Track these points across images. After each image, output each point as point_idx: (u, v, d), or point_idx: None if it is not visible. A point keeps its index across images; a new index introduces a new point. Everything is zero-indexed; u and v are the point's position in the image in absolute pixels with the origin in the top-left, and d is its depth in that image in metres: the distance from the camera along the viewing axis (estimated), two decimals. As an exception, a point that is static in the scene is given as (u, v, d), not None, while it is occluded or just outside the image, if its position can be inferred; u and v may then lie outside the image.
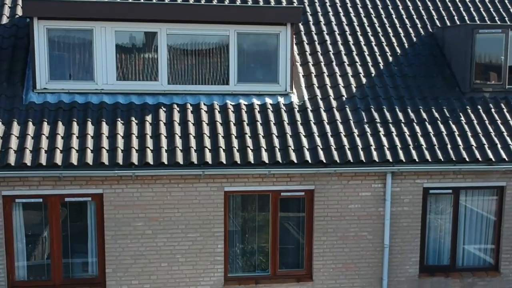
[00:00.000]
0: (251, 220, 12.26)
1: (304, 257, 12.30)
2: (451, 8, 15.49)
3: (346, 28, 14.37)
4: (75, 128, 11.45)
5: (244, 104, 12.39)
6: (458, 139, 12.40)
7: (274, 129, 12.02)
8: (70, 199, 11.35)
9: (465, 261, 12.93)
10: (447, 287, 12.68)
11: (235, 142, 11.69)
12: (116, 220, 11.43)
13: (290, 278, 12.25)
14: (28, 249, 11.54)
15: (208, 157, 11.37)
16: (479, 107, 13.13)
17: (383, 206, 12.19)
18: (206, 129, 11.82)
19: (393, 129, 12.37)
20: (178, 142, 11.53)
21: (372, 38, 14.25)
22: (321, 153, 11.73)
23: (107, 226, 11.43)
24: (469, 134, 12.53)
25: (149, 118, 11.84)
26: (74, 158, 10.97)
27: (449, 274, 12.70)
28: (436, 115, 12.80)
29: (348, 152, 11.82)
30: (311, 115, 12.42)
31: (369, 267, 12.36)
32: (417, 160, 11.92)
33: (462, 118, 12.85)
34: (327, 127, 12.23)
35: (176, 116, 11.95)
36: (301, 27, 14.16)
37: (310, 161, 11.60)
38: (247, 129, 11.94)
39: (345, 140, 12.03)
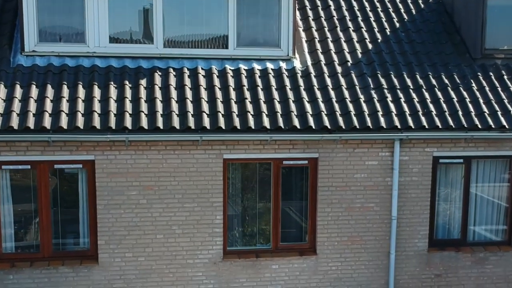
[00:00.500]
0: (251, 190, 11.63)
1: (307, 229, 11.67)
2: (460, -25, 14.85)
3: (351, -7, 13.75)
4: (65, 91, 10.81)
5: (244, 69, 11.75)
6: (470, 105, 11.77)
7: (275, 95, 11.39)
8: (60, 166, 10.72)
9: (476, 235, 12.31)
10: (457, 262, 12.06)
11: (234, 107, 11.05)
12: (108, 189, 10.79)
13: (293, 252, 11.62)
14: (16, 220, 10.90)
15: (206, 122, 10.74)
16: (491, 73, 12.49)
17: (391, 175, 11.55)
18: (204, 94, 11.19)
19: (401, 95, 11.74)
20: (175, 106, 10.89)
21: (377, 4, 13.59)
22: (325, 119, 11.10)
23: (99, 195, 10.79)
24: (481, 100, 11.91)
25: (143, 82, 11.21)
26: (64, 122, 10.34)
27: (459, 248, 12.09)
28: (446, 81, 12.18)
29: (354, 118, 11.19)
30: (314, 80, 11.79)
31: (376, 240, 11.74)
32: (426, 127, 11.29)
33: (474, 84, 12.22)
34: (332, 93, 11.59)
35: (172, 81, 11.32)
36: (304, -8, 13.53)
37: (314, 127, 10.96)
38: (247, 94, 11.31)
39: (350, 106, 11.40)
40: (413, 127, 11.25)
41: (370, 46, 12.61)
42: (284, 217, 11.61)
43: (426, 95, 11.82)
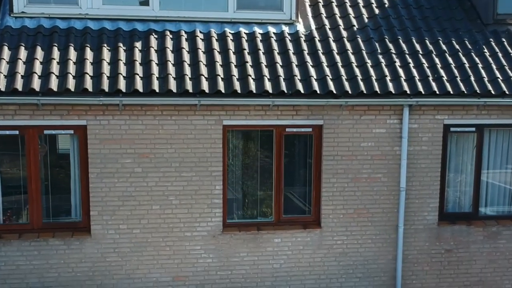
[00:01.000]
0: (252, 159, 11.05)
1: (311, 201, 11.08)
2: None
3: (356, -42, 13.13)
4: (56, 53, 10.22)
5: (244, 33, 11.15)
6: (482, 71, 11.18)
7: (278, 59, 10.79)
8: (50, 131, 10.12)
9: (488, 209, 11.71)
10: (469, 237, 11.48)
11: (235, 71, 10.46)
12: (101, 156, 10.20)
13: (296, 225, 11.03)
14: (4, 189, 10.30)
15: (205, 85, 10.14)
16: (504, 39, 11.89)
17: (399, 144, 10.96)
18: (202, 57, 10.59)
19: (410, 60, 11.14)
20: (171, 69, 10.30)
21: (384, -31, 13.01)
22: (330, 83, 10.51)
23: (91, 163, 10.20)
24: (494, 66, 11.32)
25: (138, 44, 10.62)
26: (53, 84, 9.74)
27: (471, 222, 11.49)
28: (457, 47, 11.58)
29: (361, 83, 10.60)
30: (319, 45, 11.19)
31: (384, 213, 11.15)
32: (437, 92, 10.71)
33: (486, 50, 11.63)
34: (337, 57, 11.00)
35: (169, 43, 10.73)
36: (307, -44, 12.92)
37: (318, 92, 10.37)
38: (248, 58, 10.71)
39: (357, 70, 10.81)
40: (423, 92, 10.67)
41: (376, 11, 12.02)
42: (287, 187, 11.01)
43: (436, 60, 11.24)
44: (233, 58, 10.67)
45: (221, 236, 10.74)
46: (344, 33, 11.47)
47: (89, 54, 10.28)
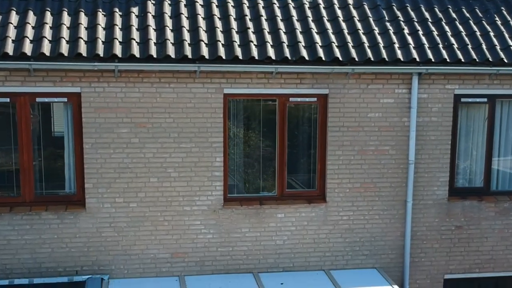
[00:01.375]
0: (255, 130, 10.58)
1: (316, 175, 10.61)
2: None
3: None
4: (49, 18, 9.77)
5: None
6: (494, 39, 10.73)
7: (281, 25, 10.34)
8: (42, 99, 9.65)
9: (500, 183, 11.25)
10: (480, 213, 11.02)
11: (236, 37, 10.00)
12: (96, 126, 9.73)
13: (300, 199, 10.57)
14: (-6, 161, 9.91)
15: (205, 51, 9.68)
16: (516, 8, 11.48)
17: (408, 115, 10.49)
18: (202, 23, 10.14)
19: (419, 27, 10.69)
20: (169, 35, 9.84)
21: None
22: (336, 50, 10.05)
23: (86, 132, 9.73)
24: (506, 35, 10.87)
25: (135, 10, 10.17)
26: (46, 49, 9.29)
27: (482, 197, 11.03)
28: (468, 15, 11.13)
29: (368, 50, 10.14)
30: (324, 12, 10.74)
31: (391, 187, 10.68)
32: (448, 60, 10.24)
33: (497, 19, 11.18)
34: (343, 24, 10.54)
35: (167, 9, 10.27)
36: None
37: (323, 59, 9.91)
38: (250, 24, 10.26)
39: (364, 37, 10.35)
40: (433, 60, 10.21)
41: (383, -22, 11.57)
42: (291, 160, 10.55)
43: (447, 28, 10.79)
44: (234, 24, 10.21)
45: (222, 211, 10.28)
46: (350, 0, 11.02)
47: (83, 19, 9.83)
